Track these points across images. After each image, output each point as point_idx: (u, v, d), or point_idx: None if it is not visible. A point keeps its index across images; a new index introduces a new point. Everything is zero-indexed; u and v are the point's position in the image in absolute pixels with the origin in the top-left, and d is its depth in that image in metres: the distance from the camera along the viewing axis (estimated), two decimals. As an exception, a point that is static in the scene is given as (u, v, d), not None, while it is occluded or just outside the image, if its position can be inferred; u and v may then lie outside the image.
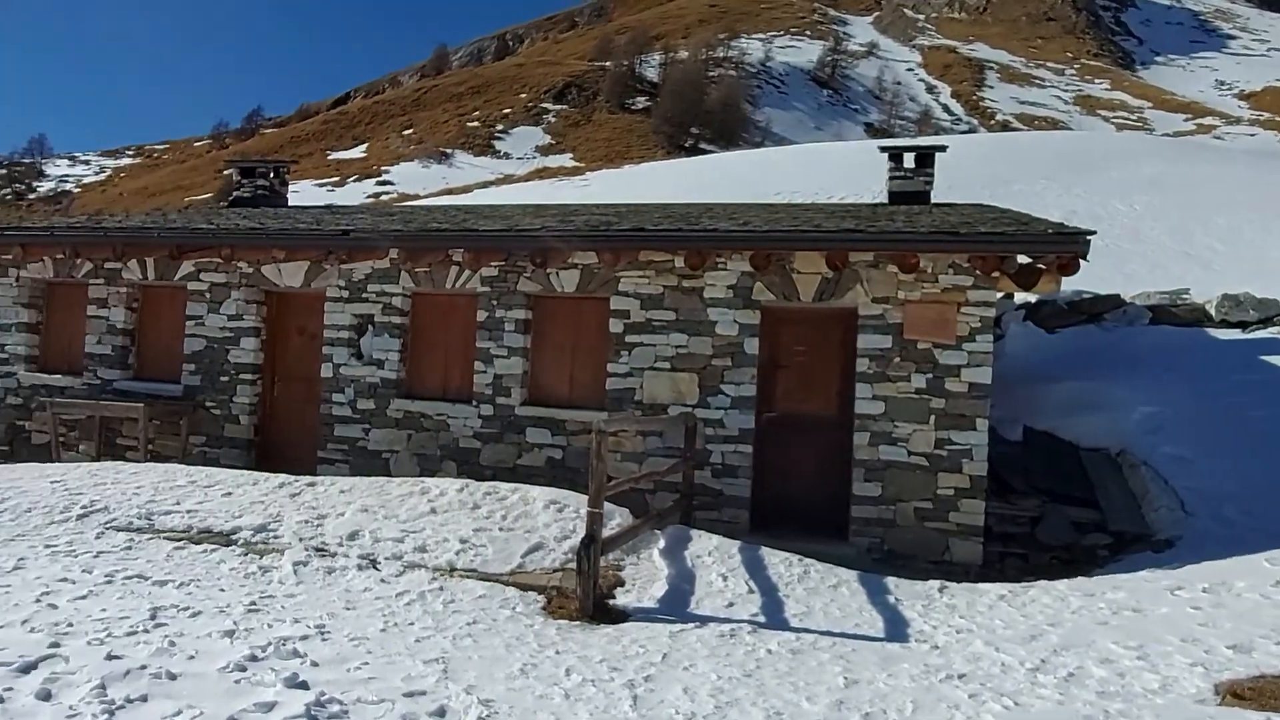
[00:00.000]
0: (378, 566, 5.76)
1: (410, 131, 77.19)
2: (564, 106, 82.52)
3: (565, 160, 64.68)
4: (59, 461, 9.20)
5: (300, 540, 6.09)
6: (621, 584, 5.74)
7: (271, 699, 3.44)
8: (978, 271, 7.34)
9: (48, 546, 5.81)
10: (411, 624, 4.77)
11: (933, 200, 10.84)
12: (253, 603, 4.82)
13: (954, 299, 7.37)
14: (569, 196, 27.27)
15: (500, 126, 76.51)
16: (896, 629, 5.21)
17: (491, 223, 9.09)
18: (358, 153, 73.27)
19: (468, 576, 5.72)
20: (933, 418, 7.33)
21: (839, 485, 7.62)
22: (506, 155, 69.34)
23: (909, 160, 10.90)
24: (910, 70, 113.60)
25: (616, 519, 6.41)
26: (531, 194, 30.96)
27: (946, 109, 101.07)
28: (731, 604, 5.45)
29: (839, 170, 29.01)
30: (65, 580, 4.95)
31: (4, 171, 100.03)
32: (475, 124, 76.85)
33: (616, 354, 8.14)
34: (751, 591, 5.63)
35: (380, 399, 8.85)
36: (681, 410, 7.83)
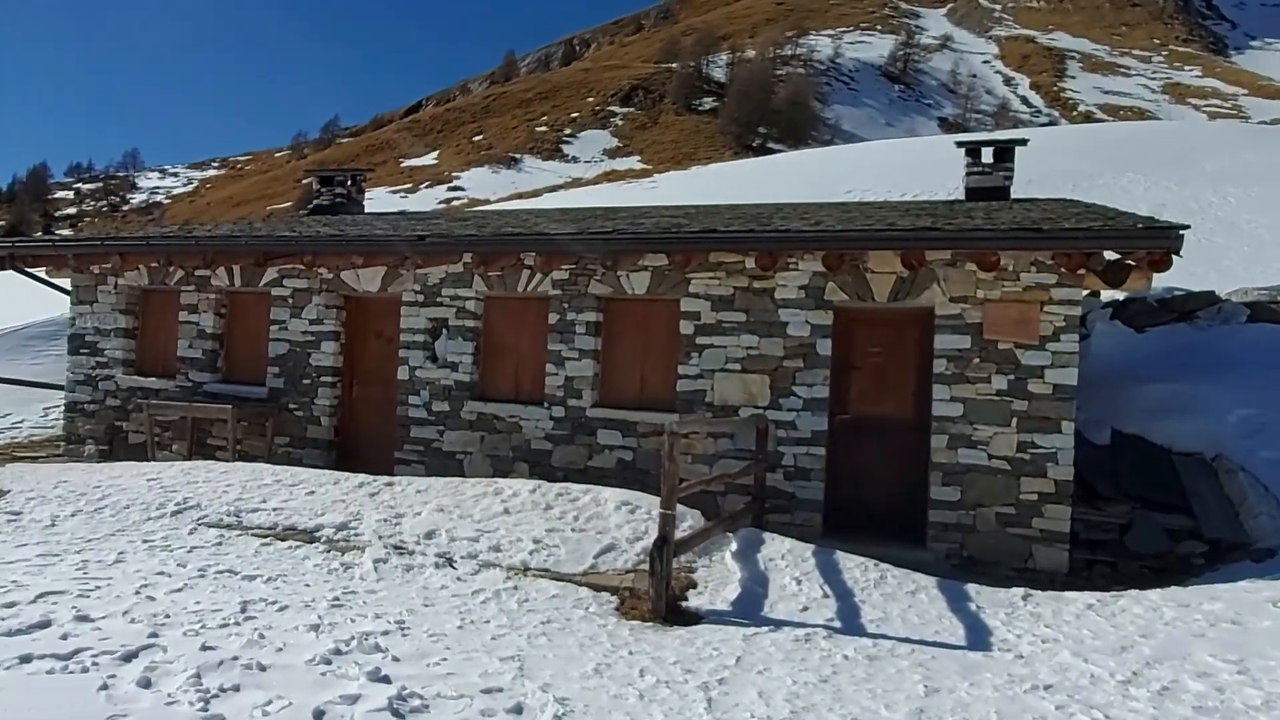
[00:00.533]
0: (454, 565, 5.87)
1: (480, 138, 78.61)
2: (630, 109, 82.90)
3: (632, 163, 64.96)
4: (154, 460, 9.64)
5: (380, 538, 6.26)
6: (694, 586, 5.72)
7: (356, 692, 3.54)
8: (1062, 269, 7.09)
9: (145, 541, 6.11)
10: (487, 622, 4.85)
11: (1012, 196, 10.52)
12: (336, 598, 4.97)
13: (1037, 298, 7.14)
14: (637, 199, 27.36)
15: (568, 131, 77.30)
16: (978, 637, 5.06)
17: (562, 226, 9.19)
18: (429, 159, 74.95)
19: (541, 576, 5.78)
20: (1015, 420, 7.11)
21: (915, 489, 7.45)
22: (574, 159, 70.01)
23: (987, 155, 10.60)
24: (986, 62, 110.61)
25: (688, 521, 6.40)
26: (599, 197, 31.20)
27: (1025, 101, 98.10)
28: (806, 608, 5.38)
29: (912, 167, 28.42)
30: (162, 574, 5.18)
31: (100, 185, 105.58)
32: (543, 129, 77.83)
33: (687, 356, 8.13)
34: (826, 596, 5.55)
35: (454, 401, 9.02)
36: (753, 412, 7.77)
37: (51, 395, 13.46)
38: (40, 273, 11.79)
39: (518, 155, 69.56)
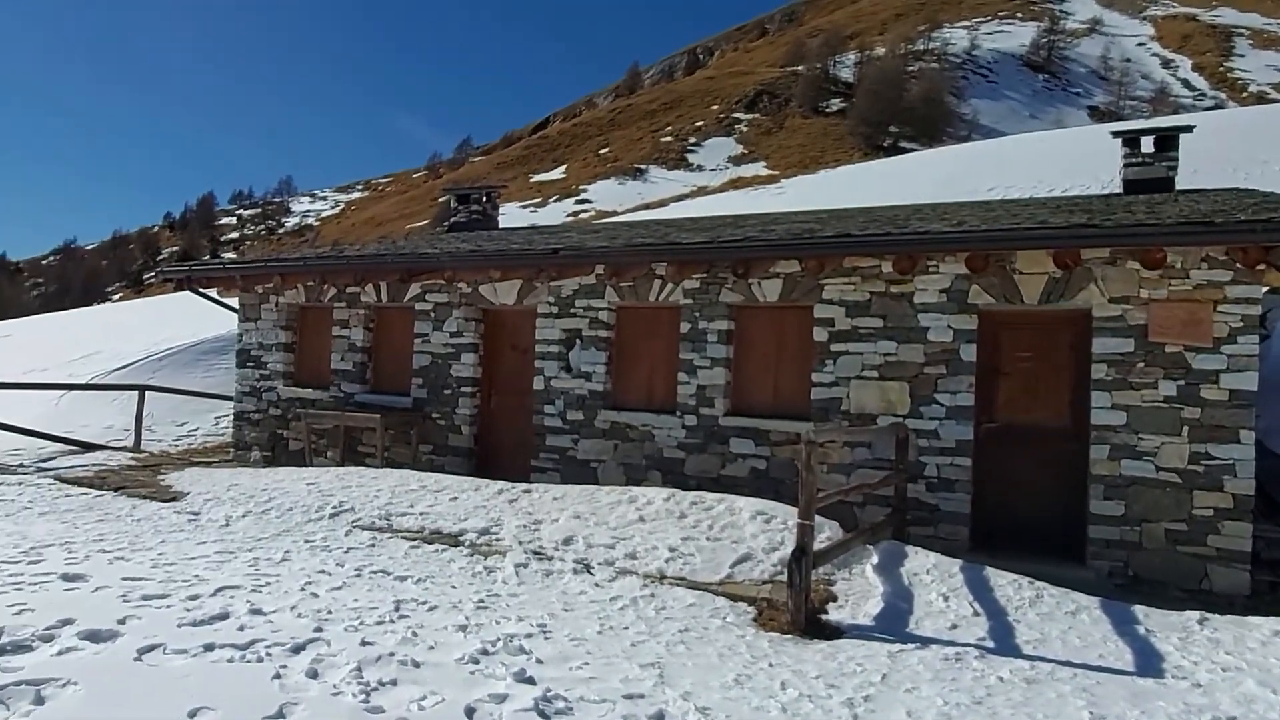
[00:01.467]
0: (591, 571, 5.96)
1: (607, 150, 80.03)
2: (756, 115, 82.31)
3: (759, 169, 64.46)
4: (312, 466, 10.30)
5: (520, 543, 6.44)
6: (833, 599, 5.58)
7: (503, 691, 3.64)
8: (1238, 265, 6.50)
9: (307, 542, 6.53)
10: (626, 628, 4.90)
11: (1177, 187, 9.75)
12: (481, 600, 5.14)
13: (1209, 296, 6.58)
14: (765, 205, 27.12)
15: (693, 140, 77.57)
16: (1149, 662, 4.69)
17: (693, 235, 9.21)
18: (557, 174, 76.93)
19: (677, 584, 5.79)
20: (1186, 429, 6.56)
21: (1072, 502, 7.00)
22: (699, 168, 70.16)
23: (1147, 144, 9.88)
24: (1141, 45, 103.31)
25: (826, 532, 6.25)
26: (727, 204, 31.12)
27: (1187, 84, 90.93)
28: (955, 626, 5.14)
29: (1061, 160, 26.85)
30: (323, 572, 5.52)
31: (259, 210, 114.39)
32: (668, 139, 78.43)
33: (821, 363, 7.96)
34: (977, 614, 5.29)
35: (588, 410, 9.19)
36: (892, 420, 7.52)
37: (221, 405, 14.65)
38: (212, 293, 12.84)
39: (643, 166, 70.38)
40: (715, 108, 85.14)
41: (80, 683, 3.33)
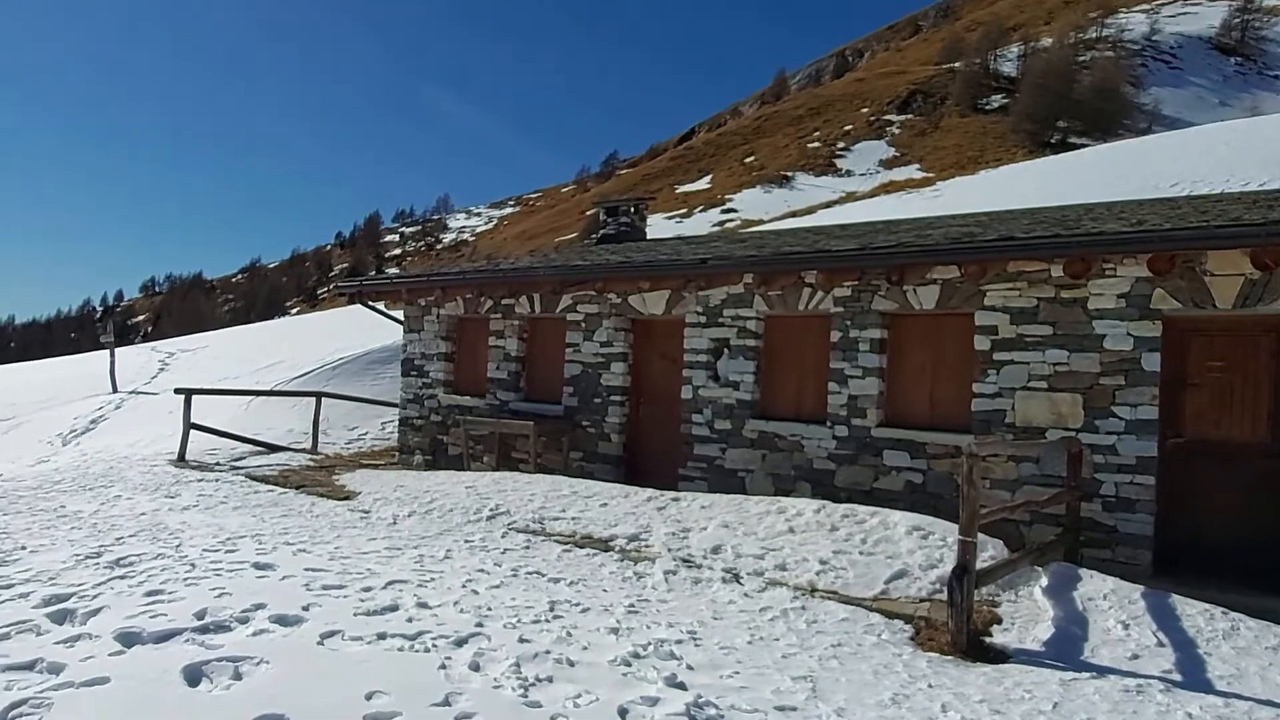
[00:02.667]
0: (740, 581, 5.93)
1: (752, 159, 79.58)
2: (909, 116, 79.46)
3: (912, 172, 62.17)
4: (469, 470, 10.80)
5: (669, 551, 6.48)
6: (998, 621, 5.28)
7: (655, 695, 3.67)
8: None
9: (467, 541, 6.84)
10: (776, 639, 4.83)
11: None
12: (631, 605, 5.22)
13: None
14: (919, 209, 26.15)
15: (841, 144, 75.83)
16: (1372, 711, 4.16)
17: (843, 242, 9.01)
18: (703, 184, 77.17)
19: (829, 598, 5.66)
20: None
21: (1273, 526, 6.31)
22: (848, 173, 68.48)
23: (1364, 129, 8.80)
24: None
25: (989, 550, 5.94)
26: (877, 210, 30.21)
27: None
28: (1136, 656, 4.75)
29: (1257, 151, 24.38)
30: (482, 571, 5.77)
31: (419, 227, 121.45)
32: (815, 144, 77.05)
33: (983, 373, 7.57)
34: (1161, 644, 4.86)
35: (736, 419, 9.14)
36: (1062, 434, 7.04)
37: (387, 411, 15.61)
38: (380, 306, 13.74)
39: (790, 173, 69.47)
40: (865, 110, 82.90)
41: (272, 662, 3.63)
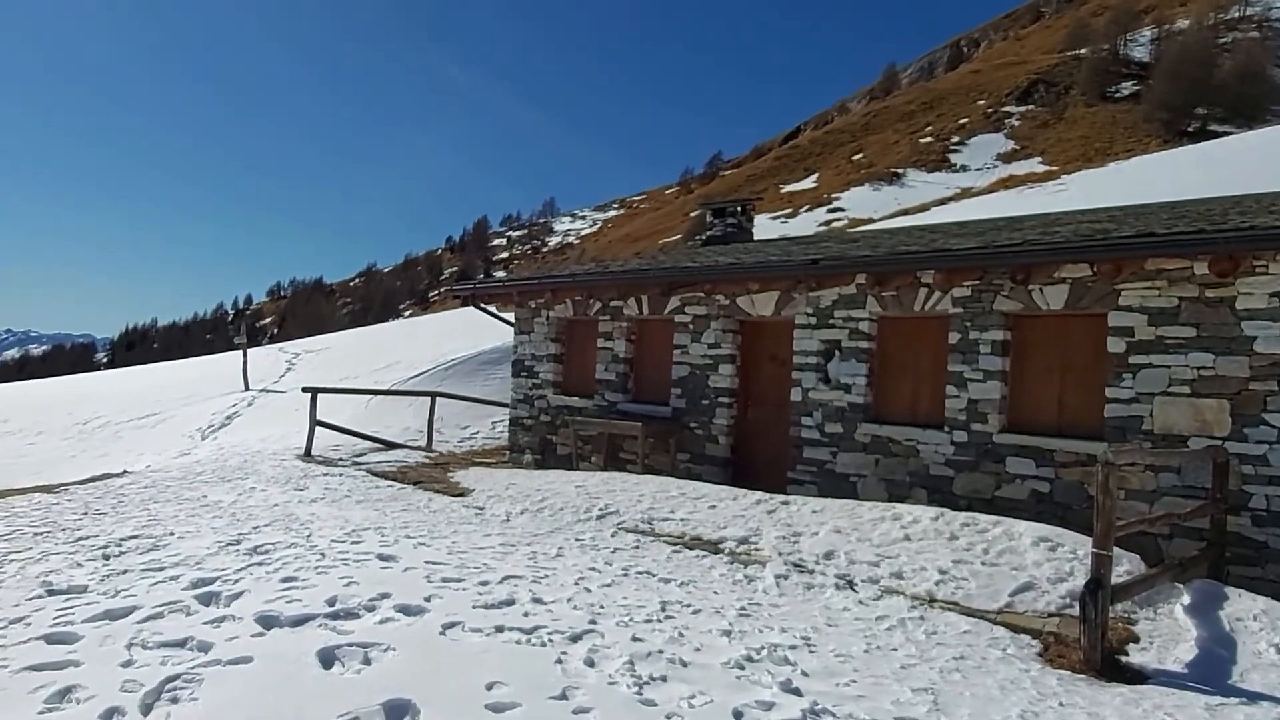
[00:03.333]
0: (854, 588, 5.79)
1: (860, 156, 77.79)
2: (1030, 107, 75.92)
3: (1033, 166, 59.38)
4: (578, 470, 10.94)
5: (779, 555, 6.40)
6: (1134, 640, 4.97)
7: (769, 699, 3.62)
8: None
9: (577, 540, 6.94)
10: (894, 649, 4.69)
11: None
12: (742, 608, 5.17)
13: None
14: (1043, 204, 24.97)
15: (956, 139, 73.15)
16: None
17: (963, 240, 8.68)
18: (809, 183, 75.93)
19: (949, 609, 5.45)
20: None
21: None
22: (963, 168, 65.98)
23: None
24: None
25: (1125, 565, 5.60)
26: (996, 206, 29.01)
27: None
28: (1294, 685, 4.38)
29: None
30: (593, 569, 5.83)
31: (525, 231, 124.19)
32: (928, 140, 74.62)
33: (1117, 377, 7.14)
34: (1324, 673, 4.47)
35: (848, 423, 8.94)
36: (1207, 443, 6.56)
37: (498, 411, 16.03)
38: (492, 308, 14.10)
39: (900, 170, 67.52)
40: (982, 103, 79.69)
41: (398, 649, 3.78)
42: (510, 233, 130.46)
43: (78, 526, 6.92)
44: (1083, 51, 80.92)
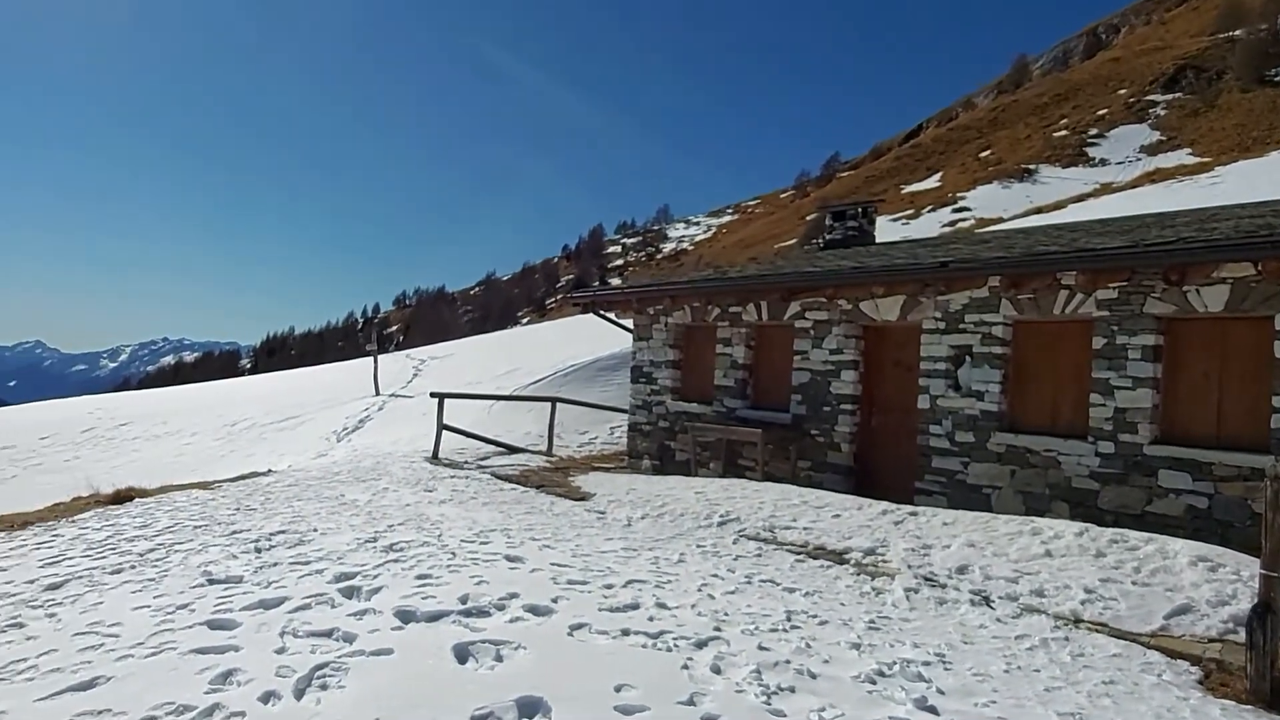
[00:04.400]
0: (991, 604, 5.52)
1: (988, 153, 74.55)
2: (1176, 95, 70.84)
3: (1182, 157, 55.29)
4: (696, 476, 10.92)
5: (909, 567, 6.17)
6: (1312, 673, 4.52)
7: (904, 716, 3.49)
8: None
9: (699, 546, 6.91)
10: (1037, 670, 4.44)
11: None
12: (871, 621, 5.01)
13: None
14: (1194, 199, 23.28)
15: (1094, 131, 68.99)
16: None
17: (1107, 239, 8.16)
18: (931, 183, 73.32)
19: (1096, 630, 5.12)
20: None
21: None
22: (1102, 162, 62.13)
23: None
24: None
25: (1299, 589, 5.10)
26: (1141, 202, 27.21)
27: None
28: None
29: None
30: (715, 576, 5.80)
31: (640, 238, 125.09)
32: (1063, 133, 70.71)
33: (1287, 384, 6.55)
34: None
35: (980, 432, 8.56)
36: (1396, 457, 5.93)
37: (616, 417, 16.21)
38: (611, 315, 14.28)
39: (1032, 166, 64.20)
40: (1123, 92, 74.88)
41: (528, 648, 3.86)
42: (625, 240, 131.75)
43: (231, 521, 7.44)
44: (1237, 33, 74.85)
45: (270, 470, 13.10)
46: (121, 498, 9.22)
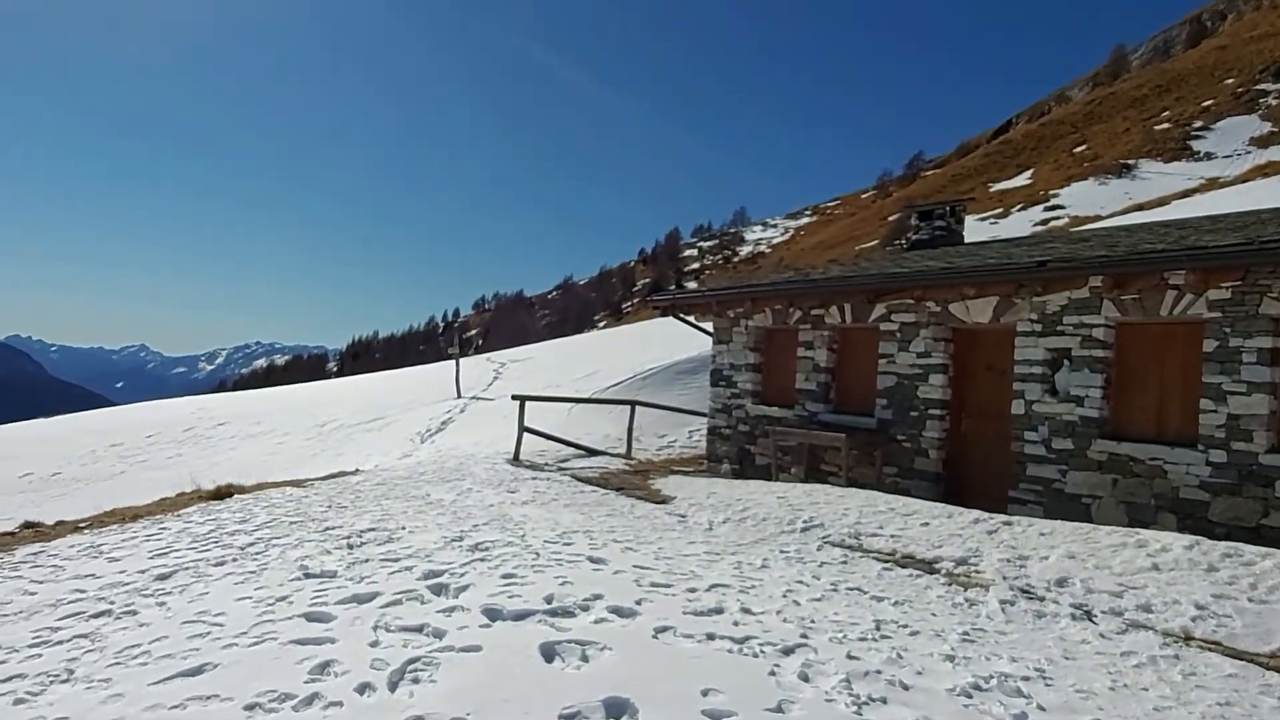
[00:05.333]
0: (1093, 619, 5.26)
1: (1083, 148, 71.61)
2: (1289, 85, 66.71)
3: (1295, 150, 52.05)
4: (777, 481, 10.78)
5: (1004, 579, 5.95)
6: None
7: (1004, 735, 3.36)
8: None
9: (782, 552, 6.81)
10: (1144, 689, 4.20)
11: None
12: (965, 633, 4.84)
13: None
14: (1307, 194, 21.88)
15: (1198, 124, 65.54)
16: None
17: (1219, 236, 7.72)
18: (1022, 180, 70.83)
19: (1209, 649, 4.82)
20: None
21: None
22: (1208, 156, 58.94)
23: None
24: None
25: None
26: (1252, 197, 25.70)
27: None
28: None
29: None
30: (800, 583, 5.69)
31: (716, 241, 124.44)
32: (1164, 126, 67.39)
33: None
34: None
35: (1079, 439, 8.19)
36: None
37: (694, 420, 16.14)
38: (690, 318, 14.23)
39: (1131, 161, 61.33)
40: (1230, 81, 70.91)
41: (614, 649, 3.86)
42: (701, 243, 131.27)
43: (324, 518, 7.69)
44: (1358, 16, 70.01)
45: (358, 470, 13.51)
46: (222, 493, 9.65)
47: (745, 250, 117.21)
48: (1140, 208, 39.98)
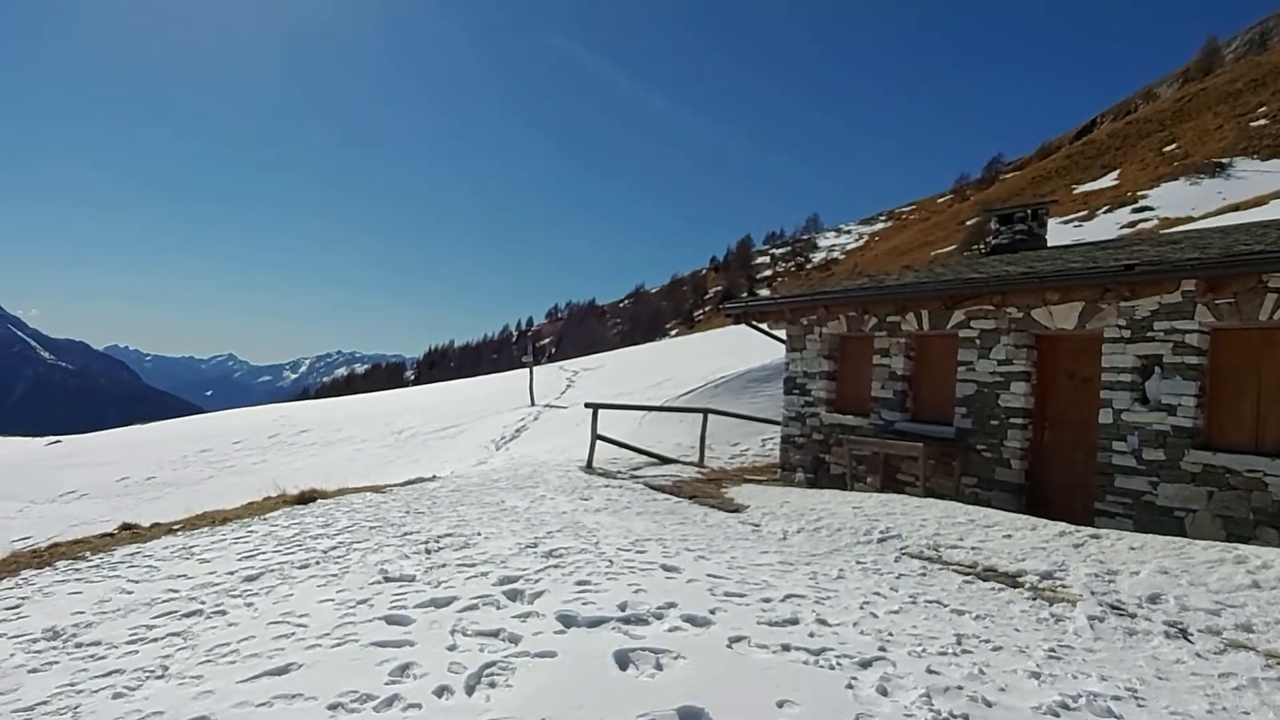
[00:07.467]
0: (1189, 638, 5.01)
1: (1173, 147, 68.62)
2: (1401, 76, 62.68)
3: None
4: (852, 490, 10.60)
5: (1092, 594, 5.72)
6: None
7: (1094, 758, 3.23)
8: None
9: (858, 563, 6.69)
10: (1246, 713, 3.99)
11: None
12: (1051, 649, 4.67)
13: None
14: None
15: (1298, 120, 62.12)
16: None
17: (1323, 234, 7.30)
18: (1107, 181, 68.21)
19: (1318, 674, 4.54)
20: None
21: None
22: (1309, 154, 55.80)
23: None
24: None
25: None
26: (1357, 195, 24.20)
27: None
28: None
29: None
30: (877, 594, 5.58)
31: (789, 248, 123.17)
32: (1261, 122, 64.07)
33: None
34: None
35: (1171, 449, 7.83)
36: None
37: (767, 428, 15.99)
38: (764, 326, 14.12)
39: (1225, 160, 58.50)
40: (1332, 75, 67.08)
41: (688, 658, 3.85)
42: (773, 250, 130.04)
43: (402, 523, 7.88)
44: None
45: (434, 476, 13.81)
46: (305, 498, 9.99)
47: (818, 257, 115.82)
48: (1236, 208, 38.04)
